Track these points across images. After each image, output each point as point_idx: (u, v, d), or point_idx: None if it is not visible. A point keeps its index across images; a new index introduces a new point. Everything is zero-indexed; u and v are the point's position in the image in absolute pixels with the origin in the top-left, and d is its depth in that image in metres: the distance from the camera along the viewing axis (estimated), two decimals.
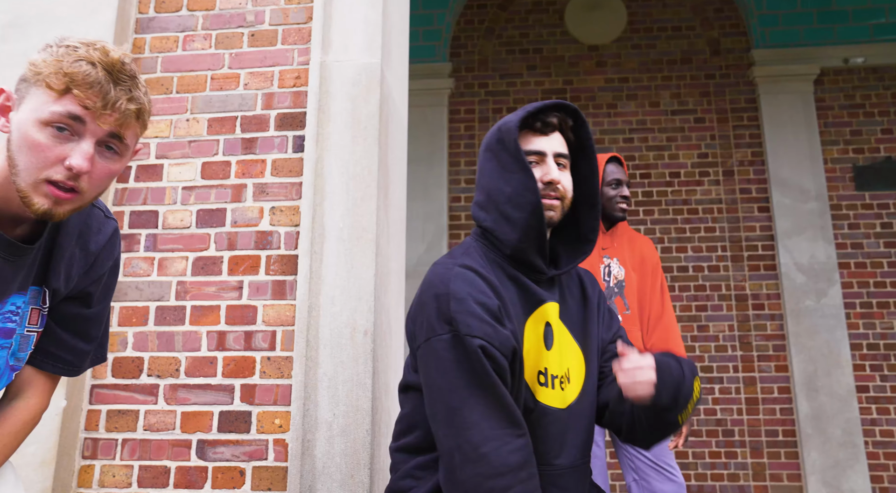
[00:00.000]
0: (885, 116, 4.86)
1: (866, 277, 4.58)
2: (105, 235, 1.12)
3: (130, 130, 0.95)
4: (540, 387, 1.22)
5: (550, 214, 1.27)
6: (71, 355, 1.11)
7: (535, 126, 1.31)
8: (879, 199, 4.70)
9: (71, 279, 1.07)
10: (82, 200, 0.95)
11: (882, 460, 4.31)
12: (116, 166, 0.97)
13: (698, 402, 1.22)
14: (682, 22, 5.21)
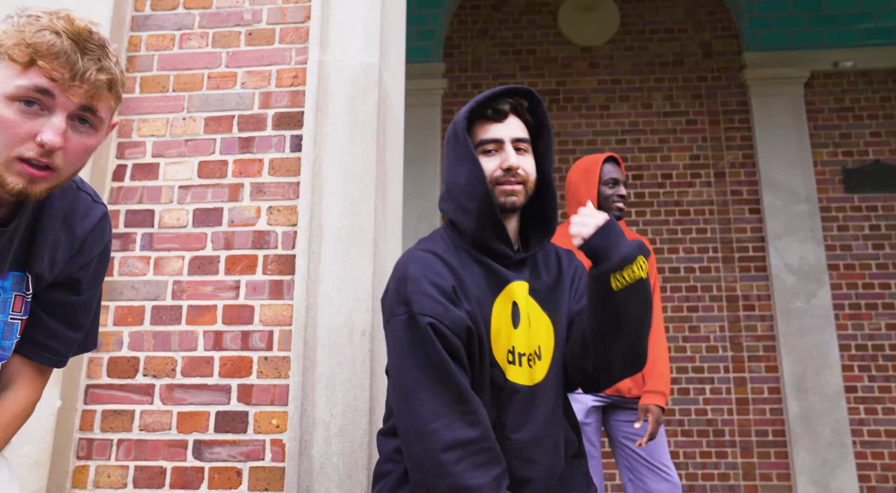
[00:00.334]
0: (873, 120, 4.92)
1: (855, 278, 4.63)
2: (92, 219, 1.08)
3: (103, 101, 0.91)
4: (509, 365, 1.25)
5: (513, 200, 1.29)
6: (59, 343, 1.08)
7: (487, 114, 1.33)
8: (868, 201, 4.75)
9: (56, 264, 1.04)
10: (59, 178, 0.91)
11: (870, 459, 4.36)
12: (92, 141, 0.93)
13: (639, 282, 1.21)
14: (675, 24, 5.24)
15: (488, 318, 1.25)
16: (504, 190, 1.29)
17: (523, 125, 1.36)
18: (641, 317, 1.25)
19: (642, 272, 1.21)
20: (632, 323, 1.25)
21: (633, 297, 1.22)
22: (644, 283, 1.22)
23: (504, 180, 1.29)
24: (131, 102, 2.16)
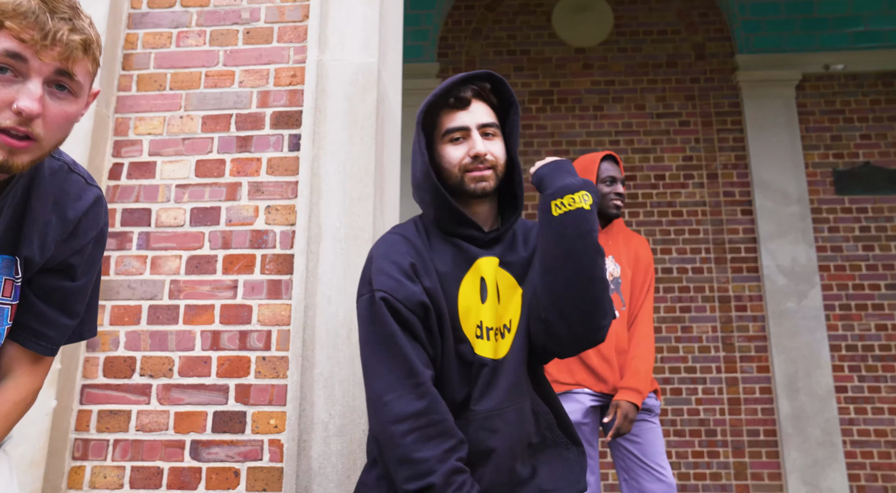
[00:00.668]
0: (863, 122, 4.96)
1: (845, 279, 4.67)
2: (86, 202, 1.05)
3: (80, 65, 0.87)
4: (477, 340, 1.28)
5: (483, 185, 1.32)
6: (53, 330, 1.05)
7: (450, 103, 1.34)
8: (858, 203, 4.80)
9: (47, 248, 1.01)
10: (41, 150, 0.88)
11: (859, 458, 4.40)
12: (73, 109, 0.90)
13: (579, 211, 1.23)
14: (668, 26, 5.26)
15: (455, 295, 1.28)
16: (473, 177, 1.32)
17: (489, 109, 1.36)
18: (584, 250, 1.23)
19: (584, 204, 1.23)
20: (576, 255, 1.23)
21: (573, 224, 1.23)
22: (585, 214, 1.23)
23: (473, 167, 1.32)
24: (128, 99, 2.14)
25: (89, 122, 2.02)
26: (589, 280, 1.23)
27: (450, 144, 1.34)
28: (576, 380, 2.20)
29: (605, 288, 1.25)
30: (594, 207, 1.26)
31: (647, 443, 2.17)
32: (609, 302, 1.27)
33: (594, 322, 1.25)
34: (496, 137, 1.35)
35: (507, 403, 1.29)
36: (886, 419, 4.44)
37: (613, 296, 2.25)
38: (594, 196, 1.26)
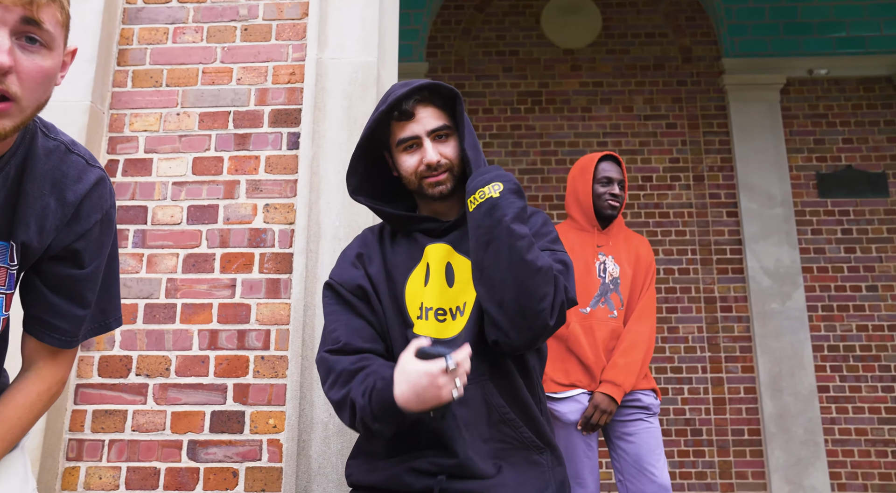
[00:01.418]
0: (845, 127, 5.05)
1: (828, 281, 4.74)
2: (87, 183, 1.00)
3: (45, 11, 0.82)
4: (417, 321, 1.33)
5: (440, 188, 1.37)
6: (66, 322, 1.02)
7: (395, 116, 1.37)
8: (840, 206, 4.88)
9: (46, 233, 0.97)
10: (21, 112, 0.83)
11: (840, 457, 4.47)
12: (48, 63, 0.85)
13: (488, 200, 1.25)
14: (655, 29, 5.31)
15: (404, 283, 1.36)
16: (430, 182, 1.37)
17: (436, 111, 1.38)
18: (499, 235, 1.22)
19: (494, 193, 1.25)
20: (494, 242, 1.23)
21: (485, 213, 1.25)
22: (494, 201, 1.24)
23: (427, 174, 1.36)
24: (123, 95, 2.12)
25: (84, 117, 1.99)
26: (511, 263, 1.21)
27: (404, 154, 1.38)
28: (570, 380, 2.21)
29: (536, 271, 1.21)
30: (508, 193, 1.25)
31: (641, 443, 2.17)
32: (549, 285, 1.22)
33: (530, 307, 1.20)
34: (449, 138, 1.38)
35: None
36: (867, 418, 4.53)
37: (612, 296, 2.26)
38: (507, 183, 1.26)
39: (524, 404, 1.31)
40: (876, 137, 5.01)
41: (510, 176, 1.30)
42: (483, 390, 1.29)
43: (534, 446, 1.29)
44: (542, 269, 1.22)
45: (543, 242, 1.37)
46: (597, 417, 2.13)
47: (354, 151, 1.42)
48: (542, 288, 1.21)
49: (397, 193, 1.49)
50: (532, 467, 1.28)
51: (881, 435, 4.50)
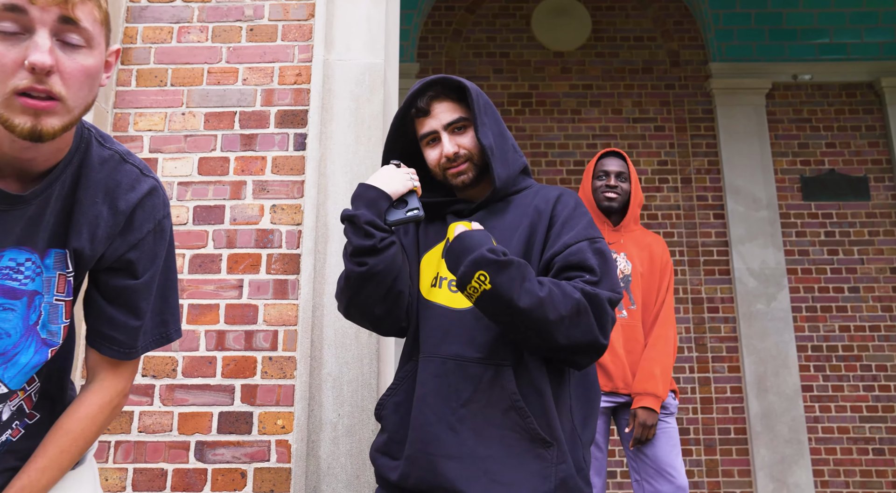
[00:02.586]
0: (829, 131, 5.15)
1: (811, 282, 4.84)
2: (139, 192, 1.01)
3: (82, 8, 0.84)
4: (431, 288, 1.38)
5: (462, 178, 1.41)
6: (123, 334, 1.02)
7: (412, 113, 1.44)
8: (824, 209, 4.97)
9: (98, 240, 0.98)
10: (67, 111, 0.84)
11: (823, 455, 4.56)
12: (90, 62, 0.86)
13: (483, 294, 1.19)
14: (644, 33, 5.37)
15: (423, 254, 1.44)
16: (452, 173, 1.42)
17: (452, 104, 1.42)
18: (511, 321, 1.21)
19: (485, 286, 1.19)
20: (510, 327, 1.23)
21: (486, 306, 1.22)
22: (490, 294, 1.19)
23: (448, 166, 1.41)
24: (127, 94, 2.10)
25: (88, 116, 1.98)
26: (541, 331, 1.21)
27: (427, 148, 1.45)
28: None
29: (568, 321, 1.20)
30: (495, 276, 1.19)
31: (659, 444, 2.18)
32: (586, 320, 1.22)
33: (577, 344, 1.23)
34: (467, 129, 1.42)
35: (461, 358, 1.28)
36: (849, 417, 4.62)
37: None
38: (489, 268, 1.19)
39: (539, 395, 1.28)
40: (858, 142, 5.11)
41: (484, 253, 1.20)
42: (498, 374, 1.28)
43: (539, 439, 1.25)
44: (571, 314, 1.20)
45: (579, 227, 1.34)
46: (645, 433, 2.12)
47: (384, 148, 1.48)
48: (580, 328, 1.21)
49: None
50: (535, 460, 1.24)
51: (862, 433, 4.60)
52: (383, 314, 1.36)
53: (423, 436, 1.26)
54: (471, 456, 1.24)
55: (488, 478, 1.22)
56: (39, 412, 1.02)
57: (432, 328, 1.34)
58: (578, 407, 1.35)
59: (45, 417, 1.02)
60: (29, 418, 1.01)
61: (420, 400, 1.29)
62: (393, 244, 1.32)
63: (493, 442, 1.25)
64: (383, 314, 1.36)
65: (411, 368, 1.36)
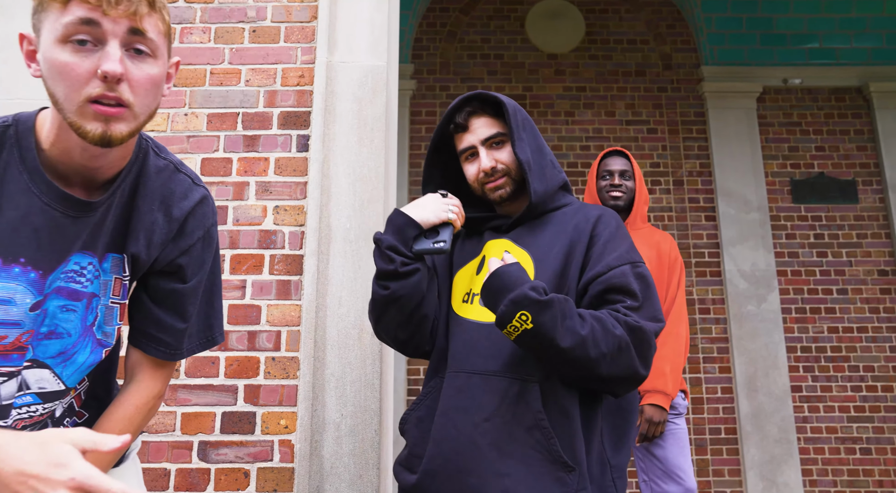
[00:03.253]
0: (818, 135, 5.21)
1: (801, 284, 4.90)
2: (191, 200, 1.07)
3: (148, 21, 0.90)
4: (462, 304, 1.39)
5: (500, 193, 1.43)
6: (168, 335, 1.07)
7: (451, 129, 1.46)
8: (813, 211, 5.04)
9: (153, 246, 1.04)
10: (135, 117, 0.90)
11: (812, 455, 4.62)
12: (155, 70, 0.92)
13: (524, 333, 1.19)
14: (637, 36, 5.42)
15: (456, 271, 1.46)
16: (489, 188, 1.44)
17: (490, 120, 1.43)
18: (554, 357, 1.21)
19: (526, 325, 1.18)
20: (554, 364, 1.24)
21: (528, 344, 1.22)
22: (531, 333, 1.18)
23: (486, 181, 1.43)
24: None
25: None
26: (584, 370, 1.21)
27: (466, 163, 1.47)
28: None
29: (610, 358, 1.20)
30: (537, 316, 1.18)
31: (667, 445, 2.17)
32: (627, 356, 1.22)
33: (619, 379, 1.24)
34: (505, 144, 1.43)
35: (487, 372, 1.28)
36: (837, 417, 4.68)
37: None
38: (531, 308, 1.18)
39: (565, 416, 1.25)
40: (846, 146, 5.18)
41: (525, 293, 1.19)
42: (524, 390, 1.26)
43: (561, 462, 1.22)
44: (613, 351, 1.20)
45: (622, 250, 1.33)
46: (652, 430, 2.11)
47: (425, 161, 1.51)
48: (621, 365, 1.21)
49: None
50: (554, 484, 1.21)
51: (850, 433, 4.66)
52: (406, 338, 1.39)
53: (442, 450, 1.26)
54: (490, 472, 1.21)
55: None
56: (87, 411, 1.06)
57: (460, 344, 1.34)
58: (610, 431, 1.33)
59: (91, 416, 1.06)
60: (78, 417, 1.05)
61: (442, 414, 1.29)
62: (417, 271, 1.33)
63: (514, 461, 1.22)
64: (406, 338, 1.39)
65: (436, 384, 1.36)
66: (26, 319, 0.94)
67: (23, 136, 0.93)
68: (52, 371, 0.98)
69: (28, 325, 0.94)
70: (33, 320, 0.94)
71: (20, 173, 0.92)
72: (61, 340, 0.98)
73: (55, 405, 1.00)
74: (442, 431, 1.27)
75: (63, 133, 0.91)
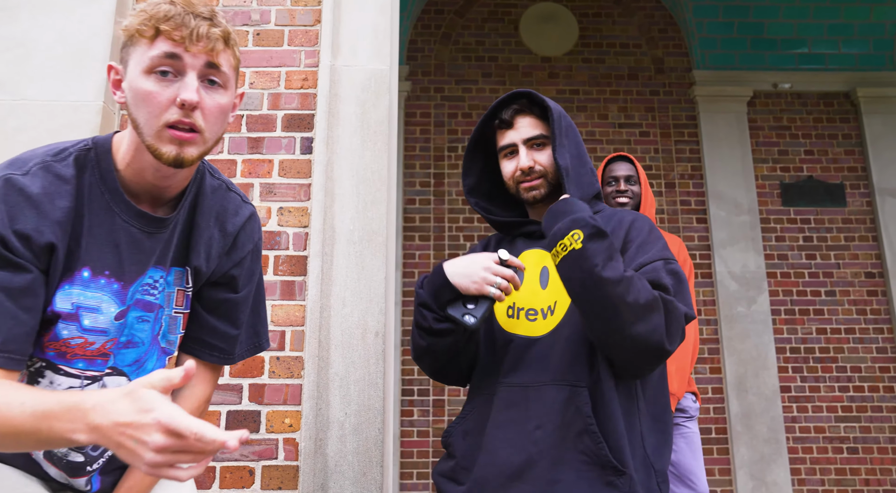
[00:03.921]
0: (807, 139, 5.29)
1: (790, 286, 4.97)
2: (242, 217, 1.16)
3: (223, 56, 0.99)
4: (508, 319, 1.39)
5: (534, 194, 1.44)
6: (223, 341, 1.15)
7: (495, 124, 1.48)
8: (802, 214, 5.11)
9: (211, 259, 1.12)
10: (204, 142, 0.99)
11: (800, 454, 4.69)
12: (224, 100, 1.01)
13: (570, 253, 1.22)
14: (630, 40, 5.47)
15: None
16: (525, 187, 1.44)
17: (535, 121, 1.44)
18: (591, 287, 1.21)
19: (576, 245, 1.22)
20: (585, 294, 1.23)
21: (571, 267, 1.23)
22: (578, 253, 1.21)
23: (523, 179, 1.44)
24: None
25: (97, 117, 2.00)
26: (614, 311, 1.20)
27: (504, 160, 1.48)
28: None
29: (641, 309, 1.20)
30: (588, 240, 1.22)
31: (680, 450, 2.15)
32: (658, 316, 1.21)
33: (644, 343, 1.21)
34: (546, 147, 1.43)
35: (537, 379, 1.30)
36: (825, 417, 4.76)
37: None
38: (585, 229, 1.22)
39: (613, 420, 1.25)
40: (835, 150, 5.26)
41: (585, 217, 1.25)
42: (572, 396, 1.27)
43: (610, 466, 1.22)
44: (646, 304, 1.20)
45: (654, 250, 1.33)
46: None
47: (465, 154, 1.52)
48: (650, 323, 1.20)
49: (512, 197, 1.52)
50: (606, 488, 1.22)
51: (837, 433, 4.74)
52: (444, 378, 1.46)
53: (494, 460, 1.27)
54: (543, 480, 1.23)
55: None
56: None
57: (511, 361, 1.35)
58: (650, 434, 1.31)
59: None
60: None
61: (495, 427, 1.30)
62: (451, 332, 1.31)
63: (565, 467, 1.23)
64: (444, 378, 1.46)
65: (483, 400, 1.36)
66: (111, 327, 1.02)
67: (102, 158, 1.02)
68: (128, 379, 1.07)
69: (112, 333, 1.03)
70: (117, 328, 1.03)
71: (102, 193, 1.01)
72: (137, 348, 1.07)
73: None
74: (494, 441, 1.29)
75: (139, 154, 1.00)
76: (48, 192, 0.97)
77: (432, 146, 5.21)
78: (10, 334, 0.91)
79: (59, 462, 1.06)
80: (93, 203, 1.00)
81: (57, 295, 0.98)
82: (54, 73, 2.02)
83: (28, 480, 1.05)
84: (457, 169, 5.15)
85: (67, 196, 0.98)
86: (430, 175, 5.16)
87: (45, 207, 0.96)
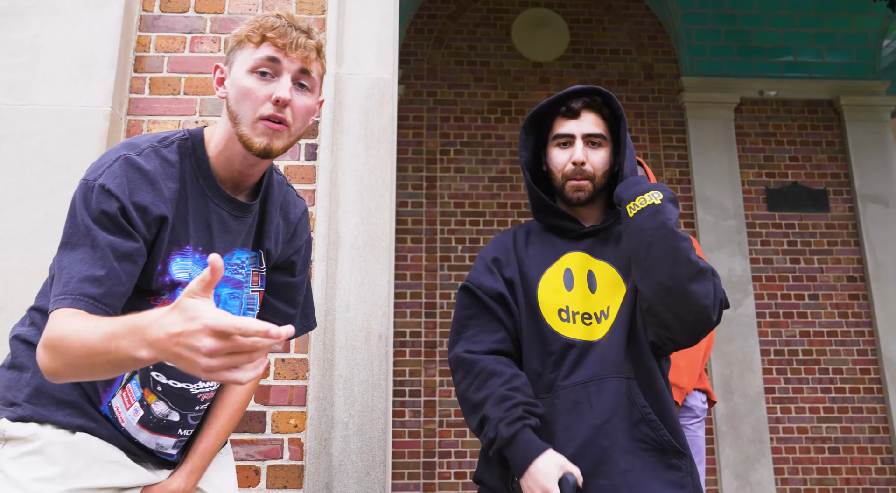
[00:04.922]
0: (792, 146, 5.41)
1: (775, 289, 5.08)
2: (300, 208, 1.33)
3: (314, 64, 1.15)
4: (562, 323, 1.41)
5: (579, 195, 1.45)
6: (282, 320, 1.29)
7: (561, 111, 1.48)
8: (787, 219, 5.23)
9: (278, 244, 1.27)
10: (290, 135, 1.14)
11: (784, 454, 4.80)
12: (311, 102, 1.16)
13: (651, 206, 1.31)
14: (620, 46, 5.56)
15: (537, 281, 1.45)
16: (572, 185, 1.45)
17: (599, 120, 1.47)
18: (663, 237, 1.28)
19: (655, 200, 1.31)
20: (656, 243, 1.29)
21: (647, 216, 1.31)
22: (657, 207, 1.30)
23: (572, 176, 1.45)
24: (140, 102, 2.15)
25: (105, 123, 2.03)
26: (676, 263, 1.27)
27: (557, 148, 1.48)
28: None
29: (699, 271, 1.27)
30: (667, 201, 1.32)
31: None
32: (710, 283, 1.29)
33: (695, 303, 1.27)
34: (601, 148, 1.46)
35: (596, 375, 1.35)
36: (808, 418, 4.87)
37: None
38: (666, 193, 1.34)
39: (666, 407, 1.33)
40: (818, 157, 5.39)
41: (667, 188, 1.36)
42: (628, 389, 1.33)
43: (672, 449, 1.30)
44: (704, 269, 1.29)
45: None
46: None
47: (521, 131, 1.54)
48: (704, 286, 1.28)
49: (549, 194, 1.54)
50: (669, 470, 1.30)
51: (819, 433, 4.85)
52: None
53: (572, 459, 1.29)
54: (615, 471, 1.28)
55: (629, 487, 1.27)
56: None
57: (569, 363, 1.38)
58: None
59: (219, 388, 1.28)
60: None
61: (564, 430, 1.33)
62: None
63: (631, 455, 1.29)
64: None
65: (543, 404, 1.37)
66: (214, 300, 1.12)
67: (197, 147, 1.16)
68: None
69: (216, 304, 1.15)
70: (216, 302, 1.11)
71: (197, 178, 1.16)
72: None
73: None
74: (564, 441, 1.32)
75: (230, 144, 1.14)
76: (160, 172, 1.10)
77: (424, 149, 5.26)
78: (111, 290, 1.01)
79: (158, 424, 1.16)
80: (190, 187, 1.14)
81: (171, 265, 1.11)
82: (62, 79, 2.05)
83: (112, 449, 1.14)
84: (449, 172, 5.21)
85: (174, 178, 1.12)
86: (423, 178, 5.21)
87: (158, 184, 1.09)
